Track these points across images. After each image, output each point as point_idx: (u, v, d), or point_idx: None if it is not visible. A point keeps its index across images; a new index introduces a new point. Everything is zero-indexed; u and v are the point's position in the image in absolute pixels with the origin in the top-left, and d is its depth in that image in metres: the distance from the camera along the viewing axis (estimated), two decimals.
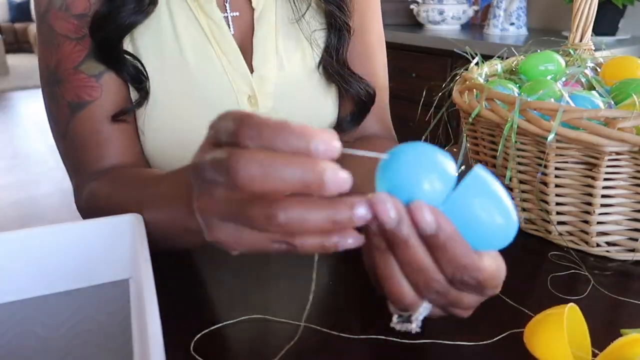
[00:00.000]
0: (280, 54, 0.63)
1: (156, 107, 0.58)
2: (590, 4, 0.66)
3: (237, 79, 0.60)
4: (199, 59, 0.59)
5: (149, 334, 0.27)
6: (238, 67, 0.60)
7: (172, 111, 0.59)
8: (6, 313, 0.38)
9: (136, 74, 0.56)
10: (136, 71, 0.56)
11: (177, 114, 0.59)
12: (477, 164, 0.30)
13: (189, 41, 0.58)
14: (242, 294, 0.47)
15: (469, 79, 0.60)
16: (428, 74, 1.89)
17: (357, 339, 0.40)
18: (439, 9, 2.03)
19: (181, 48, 0.58)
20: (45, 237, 0.39)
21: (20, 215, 2.63)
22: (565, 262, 0.52)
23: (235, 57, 0.60)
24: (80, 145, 0.56)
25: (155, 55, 0.58)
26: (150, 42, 0.58)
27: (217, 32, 0.59)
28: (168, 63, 0.58)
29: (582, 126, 0.46)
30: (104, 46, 0.54)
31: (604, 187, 0.50)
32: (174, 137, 0.59)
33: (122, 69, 0.55)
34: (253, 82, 0.61)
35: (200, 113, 0.59)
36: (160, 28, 0.58)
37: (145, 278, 0.32)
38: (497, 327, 0.42)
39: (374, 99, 0.67)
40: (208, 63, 0.59)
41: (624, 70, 0.62)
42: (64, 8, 0.54)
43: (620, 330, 0.42)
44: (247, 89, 0.61)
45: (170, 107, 0.59)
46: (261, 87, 0.61)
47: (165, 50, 0.58)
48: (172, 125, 0.59)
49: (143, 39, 0.58)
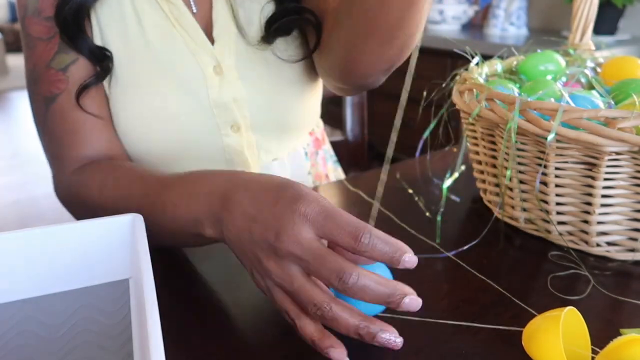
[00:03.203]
0: (240, 23, 0.65)
1: (127, 90, 0.62)
2: (590, 4, 0.66)
3: (198, 51, 0.63)
4: (162, 39, 0.62)
5: (149, 334, 0.27)
6: (198, 41, 0.63)
7: (141, 91, 0.62)
8: (6, 313, 0.38)
9: (97, 49, 0.60)
10: (98, 48, 0.60)
11: (146, 93, 0.62)
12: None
13: (151, 23, 0.62)
14: (243, 294, 0.47)
15: (469, 79, 0.60)
16: (428, 74, 1.88)
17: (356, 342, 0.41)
18: (439, 9, 2.03)
19: (144, 31, 0.62)
20: (45, 237, 0.39)
21: (20, 215, 2.62)
22: (565, 262, 0.52)
23: (195, 31, 0.63)
24: (56, 135, 0.61)
25: (121, 41, 0.62)
26: (116, 29, 0.61)
27: (176, 12, 0.62)
28: (133, 47, 0.62)
29: (582, 126, 0.46)
30: (66, 27, 0.58)
31: (604, 187, 0.50)
32: (144, 117, 0.62)
33: (84, 46, 0.59)
34: (215, 52, 0.63)
35: (168, 90, 0.62)
36: (124, 15, 0.62)
37: (145, 278, 0.32)
38: (498, 327, 0.42)
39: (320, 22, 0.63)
40: (170, 41, 0.63)
41: (624, 70, 0.62)
42: (36, 13, 0.59)
43: (620, 330, 0.42)
44: (210, 59, 0.63)
45: (139, 87, 0.62)
46: (223, 55, 0.64)
47: (129, 35, 0.62)
48: (142, 105, 0.62)
49: (109, 27, 0.61)
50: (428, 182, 0.72)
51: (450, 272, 0.51)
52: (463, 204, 0.66)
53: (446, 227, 0.59)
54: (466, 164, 0.73)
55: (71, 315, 0.38)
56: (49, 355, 0.35)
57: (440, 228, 0.57)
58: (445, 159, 0.81)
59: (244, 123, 0.66)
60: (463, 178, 0.71)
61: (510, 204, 0.58)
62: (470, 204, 0.66)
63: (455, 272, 0.51)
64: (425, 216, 0.61)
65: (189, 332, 0.42)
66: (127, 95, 0.62)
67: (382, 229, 0.36)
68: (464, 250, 0.54)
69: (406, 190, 0.69)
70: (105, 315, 0.39)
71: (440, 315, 0.44)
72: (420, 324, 0.43)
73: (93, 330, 0.37)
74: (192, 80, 0.63)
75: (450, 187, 0.64)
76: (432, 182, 0.72)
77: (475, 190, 0.68)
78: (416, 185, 0.70)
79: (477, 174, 0.65)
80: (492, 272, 0.50)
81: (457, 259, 0.52)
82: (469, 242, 0.55)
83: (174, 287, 0.48)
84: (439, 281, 0.49)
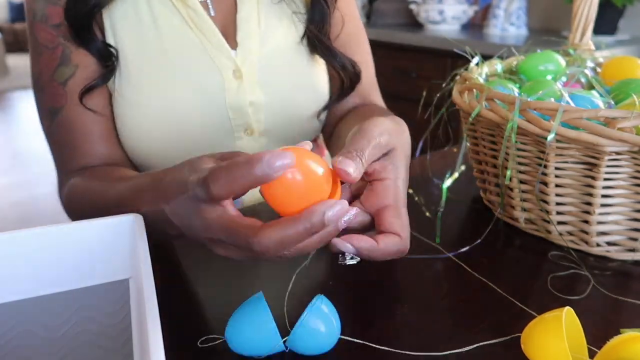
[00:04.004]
0: (262, 30, 0.66)
1: (139, 90, 0.61)
2: (590, 4, 0.66)
3: (218, 56, 0.63)
4: (179, 42, 0.62)
5: (149, 334, 0.27)
6: (218, 45, 0.63)
7: (154, 92, 0.62)
8: (6, 313, 0.38)
9: (104, 48, 0.60)
10: (105, 46, 0.60)
11: (159, 94, 0.62)
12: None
13: (168, 28, 0.62)
14: (243, 294, 0.47)
15: (469, 79, 0.60)
16: (428, 74, 1.89)
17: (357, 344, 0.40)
18: (439, 9, 2.03)
19: (160, 33, 0.62)
20: (45, 237, 0.39)
21: (20, 215, 2.62)
22: (565, 262, 0.52)
23: (215, 35, 0.63)
24: (59, 146, 0.63)
25: (135, 41, 0.61)
26: (130, 29, 0.61)
27: (194, 16, 0.62)
28: (148, 47, 0.62)
29: (582, 126, 0.46)
30: (75, 27, 0.58)
31: (604, 187, 0.50)
32: (157, 116, 0.62)
33: (92, 45, 0.59)
34: (236, 57, 0.64)
35: (183, 91, 0.62)
36: (140, 19, 0.62)
37: (145, 278, 0.32)
38: (498, 327, 0.42)
39: (359, 75, 0.70)
40: (188, 45, 0.63)
41: (624, 70, 0.62)
42: (44, 19, 0.59)
43: (620, 330, 0.42)
44: (230, 63, 0.63)
45: (155, 93, 0.62)
46: (245, 60, 0.64)
47: (144, 35, 0.62)
48: (155, 105, 0.62)
49: (123, 27, 0.61)
50: (428, 182, 0.72)
51: (450, 272, 0.51)
52: (463, 204, 0.66)
53: (446, 227, 0.59)
54: (466, 164, 0.73)
55: (71, 315, 0.38)
56: (49, 356, 0.35)
57: (440, 228, 0.57)
58: (445, 159, 0.81)
59: (258, 127, 0.67)
60: (463, 178, 0.71)
61: (511, 204, 0.58)
62: (470, 204, 0.66)
63: (455, 272, 0.51)
64: (425, 216, 0.61)
65: (189, 332, 0.42)
66: (139, 95, 0.61)
67: None
68: (463, 250, 0.54)
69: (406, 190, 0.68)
70: (105, 315, 0.39)
71: (440, 315, 0.44)
72: (420, 324, 0.43)
73: (93, 330, 0.37)
74: (209, 83, 0.63)
75: (450, 187, 0.64)
76: (432, 182, 0.72)
77: (475, 190, 0.68)
78: (416, 185, 0.70)
79: (477, 174, 0.65)
80: (492, 271, 0.50)
81: (457, 259, 0.52)
82: (469, 242, 0.55)
83: (174, 287, 0.48)
84: (439, 281, 0.49)
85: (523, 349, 0.36)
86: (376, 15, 2.26)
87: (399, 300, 0.46)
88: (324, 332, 0.37)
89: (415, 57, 1.93)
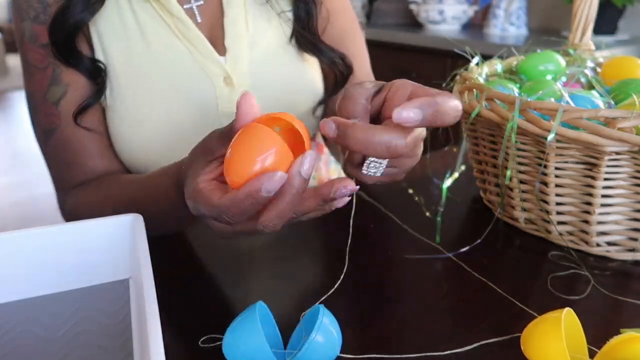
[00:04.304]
0: (251, 33, 0.65)
1: (129, 102, 0.61)
2: (590, 4, 0.66)
3: (208, 64, 0.62)
4: (167, 53, 0.61)
5: (149, 334, 0.27)
6: (207, 54, 0.62)
7: (145, 103, 0.61)
8: (6, 313, 0.38)
9: (92, 65, 0.59)
10: (93, 63, 0.60)
11: (149, 105, 0.61)
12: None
13: (156, 38, 0.61)
14: (243, 293, 0.47)
15: (469, 79, 0.60)
16: (428, 74, 1.89)
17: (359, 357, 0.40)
18: (438, 8, 2.03)
19: (148, 43, 0.61)
20: (45, 237, 0.39)
21: (20, 215, 2.62)
22: (565, 262, 0.52)
23: (202, 44, 0.62)
24: (56, 165, 0.63)
25: (123, 54, 0.61)
26: (118, 42, 0.61)
27: (180, 25, 0.61)
28: (136, 59, 0.61)
29: (582, 126, 0.46)
30: (60, 46, 0.57)
31: (604, 187, 0.50)
32: (149, 127, 0.61)
33: (80, 63, 0.59)
34: (226, 63, 0.63)
35: (176, 105, 0.62)
36: (127, 30, 0.61)
37: (145, 278, 0.32)
38: (498, 327, 0.42)
39: (350, 67, 0.69)
40: (176, 55, 0.62)
41: (624, 70, 0.62)
42: (32, 39, 0.59)
43: (620, 330, 0.42)
44: (220, 71, 0.63)
45: (147, 106, 0.61)
46: (235, 67, 0.63)
47: (132, 47, 0.61)
48: (146, 116, 0.61)
49: (111, 40, 0.61)
50: (428, 182, 0.72)
51: (450, 272, 0.51)
52: (463, 204, 0.66)
53: (446, 227, 0.59)
54: (466, 164, 0.73)
55: (71, 315, 0.38)
56: (49, 356, 0.35)
57: (440, 228, 0.57)
58: (445, 159, 0.81)
59: None
60: (463, 178, 0.71)
61: (511, 204, 0.58)
62: (470, 204, 0.66)
63: (455, 272, 0.51)
64: (425, 216, 0.61)
65: (189, 332, 0.42)
66: (131, 110, 0.61)
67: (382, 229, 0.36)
68: (463, 250, 0.54)
69: (406, 190, 0.69)
70: (105, 315, 0.39)
71: (440, 315, 0.44)
72: (420, 324, 0.43)
73: (93, 330, 0.37)
74: (201, 92, 0.62)
75: (450, 187, 0.64)
76: (432, 182, 0.72)
77: (475, 190, 0.68)
78: (416, 185, 0.70)
79: (477, 174, 0.65)
80: (492, 271, 0.50)
81: (457, 259, 0.52)
82: (469, 242, 0.55)
83: (174, 287, 0.48)
84: (439, 281, 0.49)
85: (523, 349, 0.36)
86: (376, 15, 2.26)
87: (399, 300, 0.46)
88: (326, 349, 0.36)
89: (415, 57, 1.93)
